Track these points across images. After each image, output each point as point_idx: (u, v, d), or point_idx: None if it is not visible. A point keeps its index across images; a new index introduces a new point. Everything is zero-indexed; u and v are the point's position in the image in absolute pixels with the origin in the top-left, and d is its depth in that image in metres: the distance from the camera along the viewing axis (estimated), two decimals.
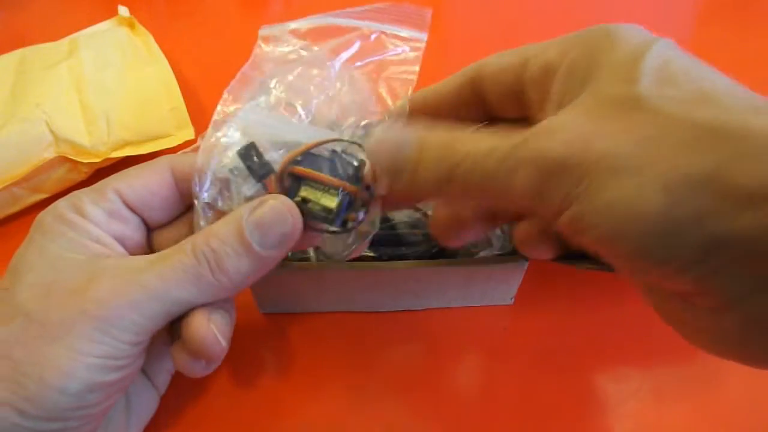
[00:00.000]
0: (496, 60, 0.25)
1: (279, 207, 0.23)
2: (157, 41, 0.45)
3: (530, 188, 0.19)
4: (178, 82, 0.42)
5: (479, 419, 0.29)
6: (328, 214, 0.23)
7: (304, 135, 0.25)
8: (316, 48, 0.27)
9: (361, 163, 0.24)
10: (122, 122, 0.39)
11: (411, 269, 0.30)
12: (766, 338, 0.17)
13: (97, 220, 0.24)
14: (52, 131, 0.37)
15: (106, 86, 0.40)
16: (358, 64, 0.26)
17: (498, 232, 0.31)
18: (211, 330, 0.24)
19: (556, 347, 0.32)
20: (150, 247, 0.27)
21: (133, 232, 0.26)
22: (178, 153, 0.35)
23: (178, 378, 0.29)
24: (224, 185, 0.25)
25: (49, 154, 0.37)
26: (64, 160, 0.37)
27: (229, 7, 0.57)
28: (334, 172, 0.24)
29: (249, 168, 0.24)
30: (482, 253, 0.30)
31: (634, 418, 0.29)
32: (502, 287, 0.33)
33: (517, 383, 0.31)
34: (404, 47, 0.26)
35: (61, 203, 0.25)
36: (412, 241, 0.30)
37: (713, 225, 0.16)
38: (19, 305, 0.22)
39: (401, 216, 0.31)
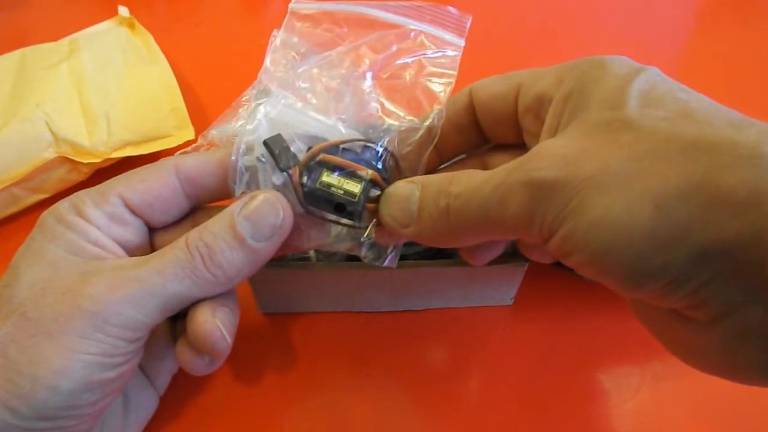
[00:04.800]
0: (487, 86, 0.25)
1: (270, 199, 0.24)
2: (158, 41, 0.45)
3: (522, 211, 0.19)
4: (178, 83, 0.42)
5: (479, 419, 0.29)
6: (351, 198, 0.23)
7: (329, 131, 0.25)
8: (335, 52, 0.27)
9: (382, 154, 0.25)
10: (122, 122, 0.39)
11: (411, 269, 0.30)
12: (755, 350, 0.17)
13: (98, 222, 0.24)
14: (52, 131, 0.37)
15: (106, 86, 0.40)
16: (398, 62, 0.26)
17: None
18: (216, 326, 0.24)
19: (555, 347, 0.32)
20: (151, 249, 0.27)
21: (134, 235, 0.26)
22: (178, 153, 0.35)
23: (177, 378, 0.29)
24: (253, 174, 0.25)
25: (49, 154, 0.37)
26: (64, 160, 0.37)
27: (229, 7, 0.57)
28: (358, 162, 0.24)
29: (274, 157, 0.24)
30: None
31: (634, 418, 0.29)
32: (502, 288, 0.33)
33: (517, 383, 0.31)
34: (443, 51, 0.26)
35: (63, 204, 0.25)
36: (412, 242, 0.30)
37: (702, 236, 0.16)
38: (17, 303, 0.22)
39: None
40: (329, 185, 0.24)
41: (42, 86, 0.39)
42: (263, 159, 0.25)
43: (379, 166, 0.25)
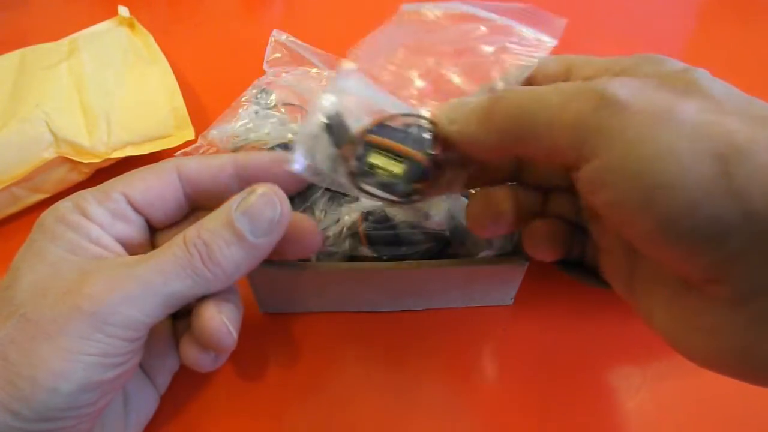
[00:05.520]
0: (541, 66, 0.25)
1: (267, 194, 0.24)
2: (158, 41, 0.45)
3: (577, 120, 0.18)
4: (178, 83, 0.42)
5: (479, 419, 0.29)
6: (394, 179, 0.24)
7: (392, 107, 0.26)
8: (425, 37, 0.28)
9: (431, 136, 0.25)
10: (122, 122, 0.39)
11: (411, 269, 0.30)
12: None
13: (101, 220, 0.24)
14: (52, 131, 0.37)
15: (106, 86, 0.40)
16: (486, 48, 0.27)
17: None
18: (222, 322, 0.24)
19: (555, 347, 0.32)
20: (153, 249, 0.27)
21: (137, 233, 0.26)
22: (179, 153, 0.35)
23: (179, 377, 0.29)
24: (312, 143, 0.25)
25: (49, 154, 0.37)
26: (64, 160, 0.37)
27: (229, 8, 0.57)
28: (405, 142, 0.24)
29: (330, 133, 0.25)
30: (482, 253, 0.31)
31: (634, 418, 0.29)
32: (502, 287, 0.33)
33: (517, 383, 0.31)
34: (532, 43, 0.26)
35: (63, 203, 0.25)
36: (412, 241, 0.30)
37: (760, 202, 0.16)
38: (17, 305, 0.22)
39: (401, 216, 0.31)
40: (375, 166, 0.24)
41: (42, 86, 0.39)
42: (326, 129, 0.25)
43: (426, 136, 0.25)
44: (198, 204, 0.28)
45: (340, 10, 0.57)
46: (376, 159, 0.24)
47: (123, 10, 0.48)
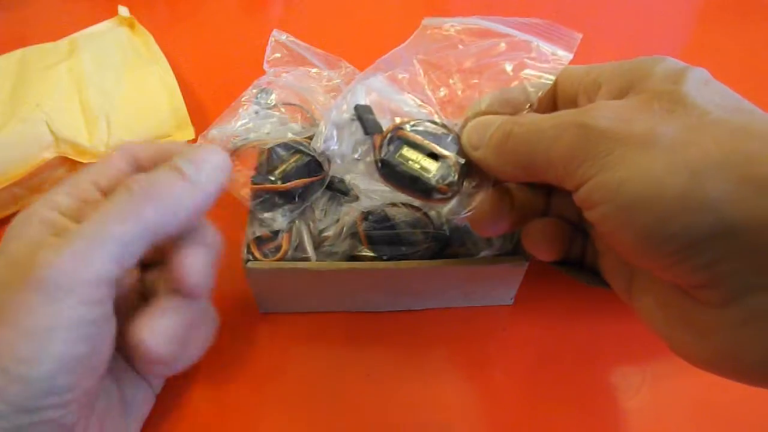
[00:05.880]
0: (570, 69, 0.27)
1: (209, 146, 0.25)
2: (158, 42, 0.45)
3: (568, 150, 0.21)
4: (178, 82, 0.42)
5: (479, 419, 0.29)
6: (426, 174, 0.25)
7: (414, 110, 0.28)
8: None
9: (458, 144, 0.26)
10: (122, 122, 0.39)
11: (411, 269, 0.30)
12: (759, 342, 0.17)
13: (69, 210, 0.23)
14: (52, 131, 0.37)
15: (106, 86, 0.40)
16: (502, 61, 0.28)
17: None
18: (194, 263, 0.24)
19: (555, 347, 0.32)
20: None
21: None
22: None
23: (177, 377, 0.29)
24: (339, 129, 0.27)
25: (49, 154, 0.37)
26: (63, 160, 0.37)
27: (229, 8, 0.57)
28: (438, 144, 0.26)
29: (361, 121, 0.26)
30: (482, 253, 0.31)
31: (634, 418, 0.29)
32: (502, 287, 0.33)
33: (517, 383, 0.31)
34: (548, 58, 0.28)
35: (35, 205, 0.24)
36: (412, 241, 0.30)
37: (730, 208, 0.17)
38: None
39: (401, 216, 0.31)
40: (407, 158, 0.25)
41: (42, 86, 0.39)
42: (354, 118, 0.27)
43: (460, 152, 0.26)
44: None
45: (340, 10, 0.57)
46: (409, 153, 0.26)
47: (123, 10, 0.49)
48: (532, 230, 0.27)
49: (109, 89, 0.40)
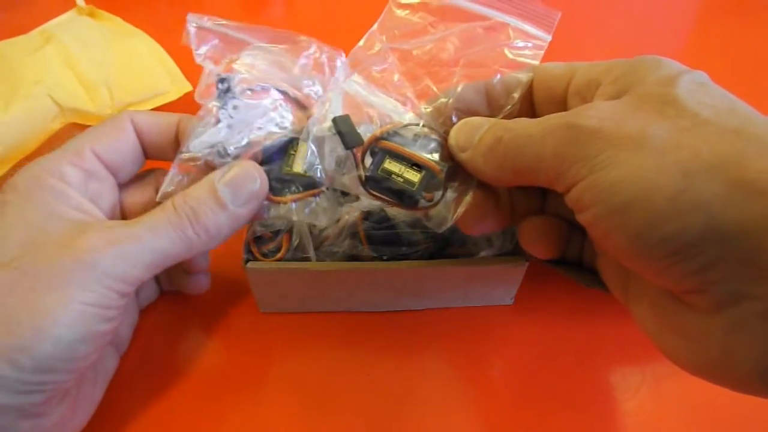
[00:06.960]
0: (548, 68, 0.26)
1: (247, 167, 0.26)
2: (159, 42, 0.45)
3: (557, 151, 0.20)
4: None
5: (479, 419, 0.29)
6: (410, 187, 0.25)
7: (392, 109, 0.27)
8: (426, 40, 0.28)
9: (440, 146, 0.26)
10: (122, 86, 0.41)
11: (411, 269, 0.30)
12: (753, 345, 0.17)
13: (77, 183, 0.26)
14: (56, 102, 0.38)
15: (97, 59, 0.41)
16: (481, 51, 0.27)
17: (498, 232, 0.31)
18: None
19: (555, 347, 0.32)
20: (122, 208, 0.29)
21: (109, 191, 0.27)
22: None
23: (177, 377, 0.29)
24: (320, 144, 0.26)
25: (57, 124, 0.38)
26: (72, 127, 0.38)
27: (229, 8, 0.57)
28: (420, 152, 0.25)
29: (340, 135, 0.25)
30: (482, 253, 0.31)
31: (634, 418, 0.29)
32: (502, 287, 0.33)
33: (517, 383, 0.31)
34: (527, 43, 0.27)
35: (35, 166, 0.25)
36: (412, 241, 0.30)
37: (721, 212, 0.17)
38: (7, 260, 0.22)
39: (401, 216, 0.31)
40: (390, 173, 0.25)
41: (34, 68, 0.40)
42: (334, 131, 0.26)
43: (438, 155, 0.26)
44: (149, 157, 0.29)
45: (339, 10, 0.57)
46: (392, 166, 0.25)
47: (79, 1, 0.49)
48: (528, 228, 0.27)
49: (101, 61, 0.41)
